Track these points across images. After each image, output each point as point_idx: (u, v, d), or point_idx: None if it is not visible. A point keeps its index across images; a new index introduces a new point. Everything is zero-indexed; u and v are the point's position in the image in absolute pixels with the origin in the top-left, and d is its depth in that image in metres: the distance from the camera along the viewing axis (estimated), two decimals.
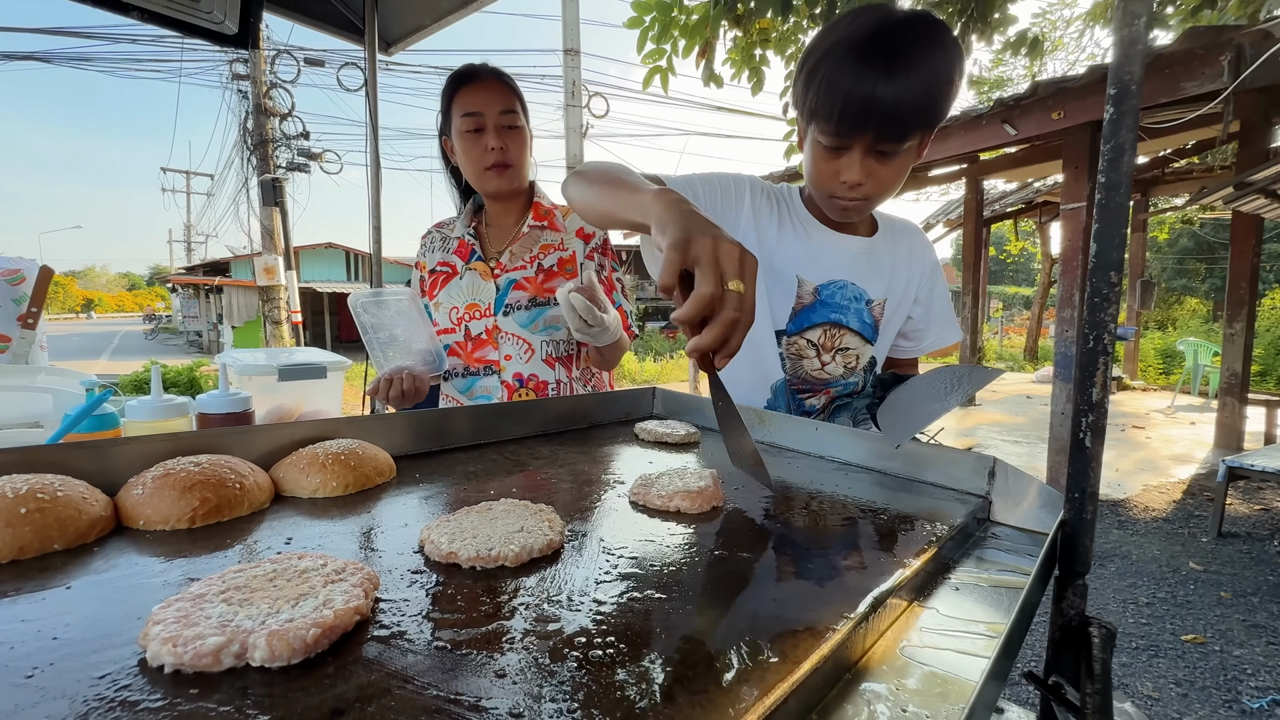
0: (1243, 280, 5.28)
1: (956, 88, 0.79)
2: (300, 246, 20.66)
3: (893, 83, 0.74)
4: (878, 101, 0.75)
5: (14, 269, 1.49)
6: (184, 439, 0.63)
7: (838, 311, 1.00)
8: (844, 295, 1.00)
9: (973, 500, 0.65)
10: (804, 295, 0.99)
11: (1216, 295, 18.19)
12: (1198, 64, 3.45)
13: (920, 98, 0.76)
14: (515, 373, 1.27)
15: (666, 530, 0.55)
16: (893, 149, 0.81)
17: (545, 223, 1.33)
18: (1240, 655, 2.47)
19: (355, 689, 0.31)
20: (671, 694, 0.31)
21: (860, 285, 1.01)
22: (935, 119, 0.80)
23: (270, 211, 8.58)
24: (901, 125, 0.78)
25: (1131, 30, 0.45)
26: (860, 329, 1.01)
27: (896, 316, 1.05)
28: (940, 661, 0.39)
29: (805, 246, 1.00)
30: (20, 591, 0.40)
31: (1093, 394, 0.51)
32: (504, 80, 1.24)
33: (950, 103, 0.79)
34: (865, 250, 1.01)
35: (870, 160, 0.83)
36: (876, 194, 0.88)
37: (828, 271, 1.00)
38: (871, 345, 1.03)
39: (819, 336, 1.00)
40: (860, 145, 0.82)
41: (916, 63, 0.74)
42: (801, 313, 1.00)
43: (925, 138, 0.84)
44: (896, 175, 0.86)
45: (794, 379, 1.03)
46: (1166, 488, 4.66)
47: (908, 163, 0.85)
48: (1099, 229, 0.48)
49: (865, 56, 0.75)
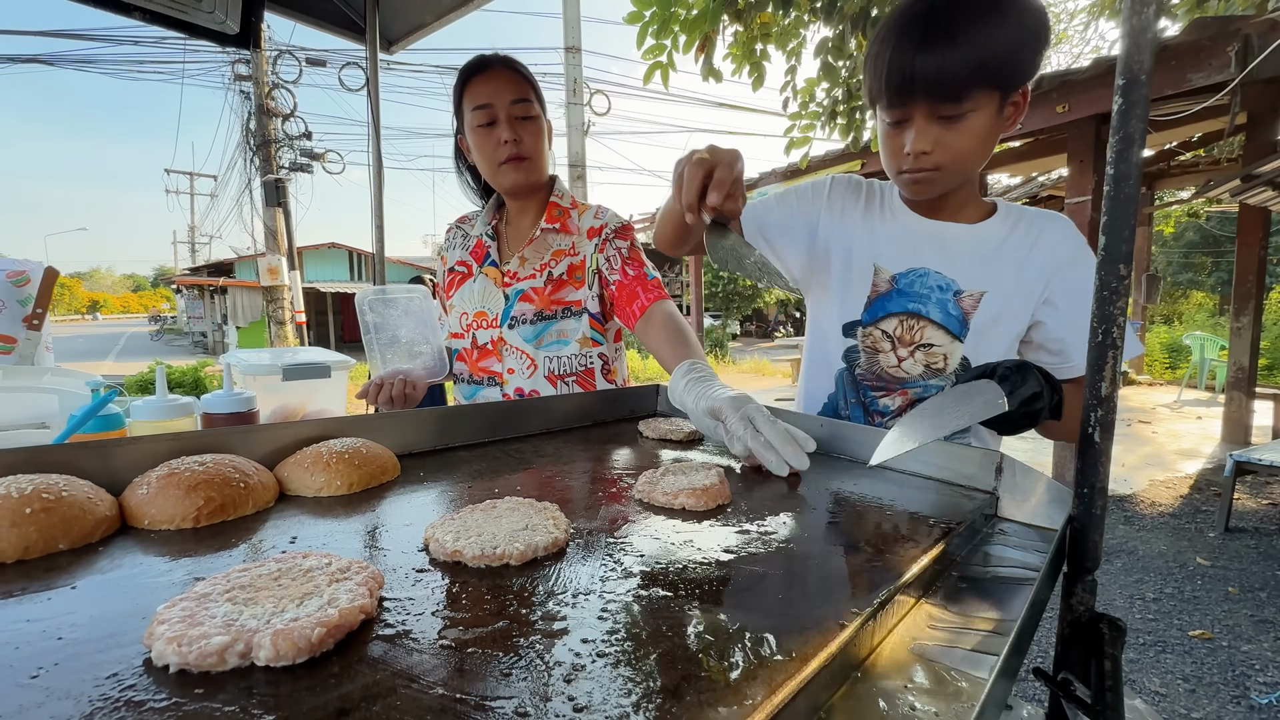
0: (1249, 273, 5.24)
1: (1027, 38, 0.75)
2: (304, 247, 20.71)
3: (935, 42, 0.74)
4: (923, 62, 0.75)
5: (19, 270, 1.49)
6: (188, 438, 0.63)
7: (916, 301, 0.92)
8: (925, 284, 0.92)
9: (980, 496, 0.65)
10: (880, 283, 0.94)
11: (1223, 289, 18.07)
12: (1204, 55, 3.42)
13: (972, 54, 0.74)
14: (517, 387, 1.23)
15: (672, 528, 0.55)
16: (954, 111, 0.78)
17: (558, 225, 1.25)
18: (1248, 651, 2.46)
19: (361, 688, 0.31)
20: (678, 693, 0.31)
21: (947, 274, 0.91)
22: (1000, 76, 0.76)
23: (274, 212, 8.60)
24: (953, 85, 0.75)
25: (1141, 19, 0.45)
26: (944, 322, 0.91)
27: (1008, 316, 0.90)
28: (949, 659, 0.38)
29: (889, 233, 0.95)
30: (26, 591, 0.40)
31: (1102, 388, 0.50)
32: (516, 69, 1.18)
33: (1022, 56, 0.76)
34: (960, 236, 0.92)
35: (935, 128, 0.80)
36: (949, 163, 0.82)
37: (910, 259, 0.93)
38: (960, 342, 0.91)
39: (895, 328, 0.93)
40: (920, 113, 0.80)
41: (961, 21, 0.74)
42: (876, 301, 0.94)
43: (1001, 98, 0.79)
44: (970, 140, 0.80)
45: (868, 375, 0.97)
46: (1173, 483, 4.63)
47: (983, 127, 0.80)
48: (1108, 221, 0.48)
49: (908, 24, 0.77)
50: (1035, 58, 0.78)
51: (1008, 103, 0.80)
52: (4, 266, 1.49)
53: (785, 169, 7.23)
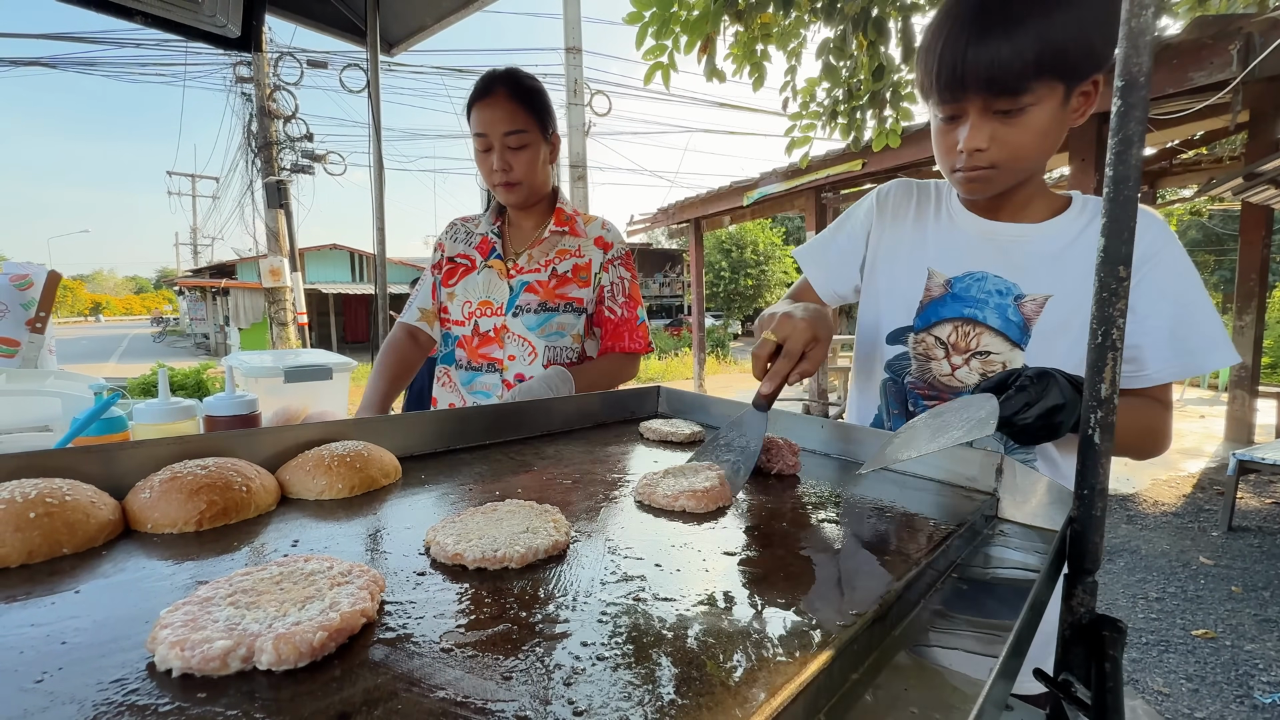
0: (1252, 272, 5.23)
1: (1093, 23, 0.70)
2: (305, 248, 20.75)
3: (990, 32, 0.70)
4: (975, 54, 0.71)
5: (23, 274, 1.50)
6: (191, 442, 0.63)
7: (972, 306, 0.86)
8: (982, 288, 0.86)
9: (981, 497, 0.65)
10: (933, 288, 0.89)
11: (1226, 287, 18.01)
12: (1206, 53, 3.42)
13: (1029, 43, 0.69)
14: (517, 373, 1.29)
15: (672, 530, 0.55)
16: (1011, 105, 0.72)
17: (566, 229, 1.34)
18: (1251, 650, 2.45)
19: (362, 692, 0.31)
20: (679, 695, 0.31)
21: (1007, 277, 0.85)
22: (1062, 66, 0.71)
23: (275, 213, 8.62)
24: (1009, 77, 0.70)
25: (1140, 21, 0.45)
26: (1003, 328, 0.85)
27: (1079, 322, 0.82)
28: (949, 660, 0.38)
29: (944, 236, 0.91)
30: (30, 596, 0.41)
31: (1102, 390, 0.50)
32: (514, 96, 1.22)
33: (1088, 42, 0.70)
34: (1022, 237, 0.86)
35: (991, 123, 0.75)
36: (1007, 160, 0.77)
37: (967, 262, 0.88)
38: (1021, 350, 0.84)
39: (949, 334, 0.88)
40: (974, 108, 0.75)
41: (1018, 8, 0.70)
42: (929, 306, 0.90)
43: (1065, 89, 0.73)
44: (1029, 135, 0.75)
45: (919, 383, 0.91)
46: (1176, 482, 4.62)
47: (1045, 121, 0.74)
48: (1108, 223, 0.48)
49: (961, 13, 0.73)
50: (1105, 44, 0.71)
51: (1075, 93, 0.74)
52: (8, 270, 1.49)
53: (785, 169, 7.23)
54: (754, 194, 7.81)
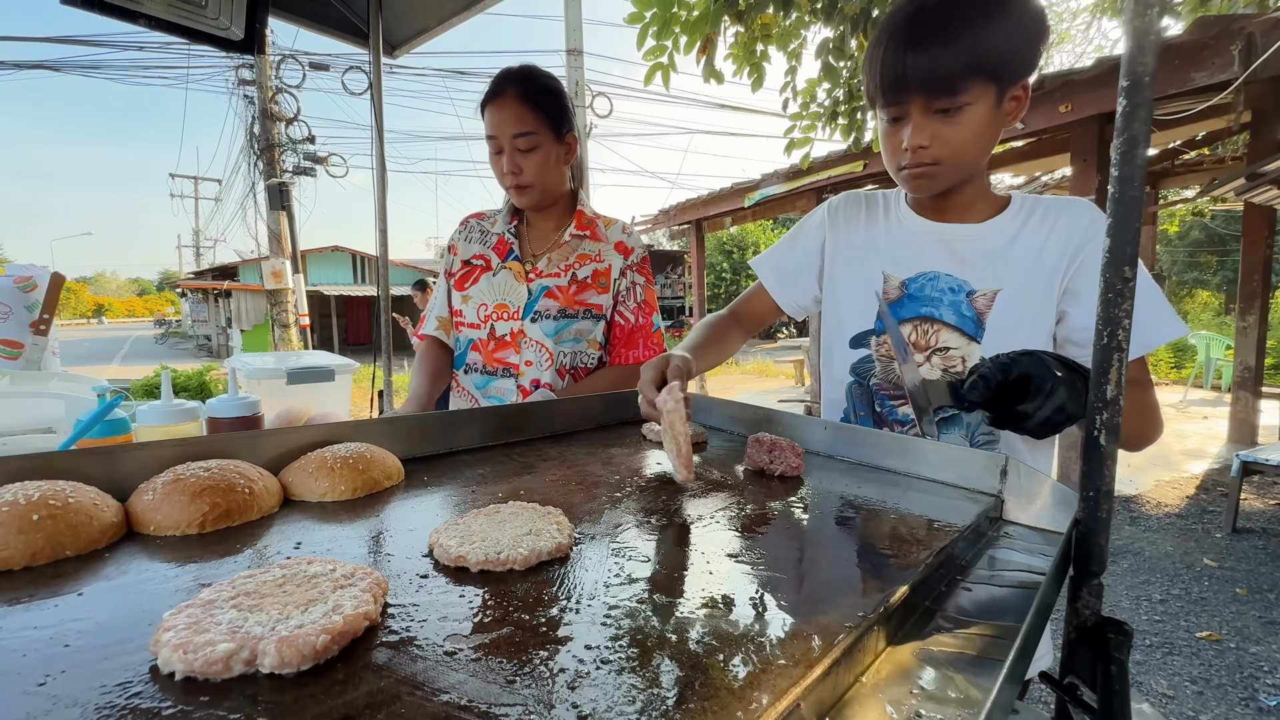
0: (1255, 272, 5.21)
1: (1020, 31, 0.76)
2: (307, 250, 20.77)
3: (926, 39, 0.76)
4: (914, 59, 0.77)
5: (26, 276, 1.50)
6: (193, 444, 0.63)
7: (929, 305, 0.91)
8: (935, 287, 0.91)
9: (985, 499, 0.65)
10: (889, 290, 0.94)
11: (1229, 288, 17.96)
12: (1207, 54, 3.41)
13: (962, 47, 0.75)
14: (533, 379, 1.26)
15: (675, 532, 0.55)
16: (949, 104, 0.78)
17: (588, 232, 1.31)
18: (1256, 652, 2.44)
19: (365, 695, 0.31)
20: (682, 699, 0.31)
21: (957, 275, 0.90)
22: (993, 68, 0.77)
23: (277, 215, 8.64)
24: (946, 78, 0.76)
25: (1144, 20, 0.45)
26: (959, 324, 0.89)
27: (1030, 313, 0.87)
28: (954, 663, 0.38)
29: (895, 240, 0.95)
30: (34, 598, 0.41)
31: (1107, 391, 0.50)
32: (524, 97, 1.20)
33: (1016, 49, 0.77)
34: (968, 236, 0.91)
35: (931, 122, 0.80)
36: (948, 157, 0.82)
37: (919, 263, 0.92)
38: (977, 343, 0.88)
39: (909, 333, 0.92)
40: (915, 109, 0.80)
41: (951, 17, 0.76)
42: (887, 309, 0.93)
43: (998, 90, 0.79)
44: (967, 133, 0.80)
45: (884, 384, 0.95)
46: (1179, 483, 4.61)
47: (981, 120, 0.80)
48: (1113, 224, 0.48)
49: (900, 24, 0.79)
50: (1031, 51, 0.79)
51: (1007, 97, 0.80)
52: (11, 273, 1.50)
53: (786, 170, 7.23)
54: (755, 195, 7.81)
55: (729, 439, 0.94)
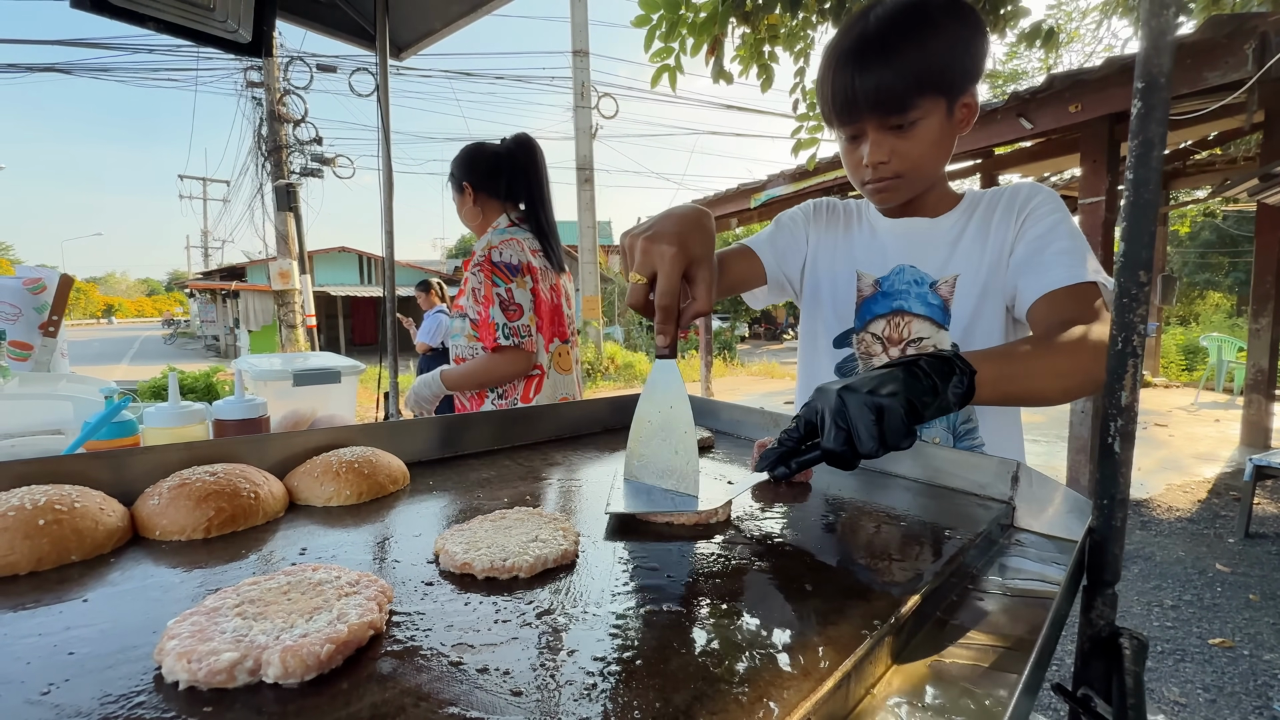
0: (1268, 274, 5.15)
1: (960, 43, 0.79)
2: (314, 251, 20.90)
3: (870, 61, 0.79)
4: (862, 81, 0.79)
5: (35, 278, 1.52)
6: (199, 448, 0.63)
7: (899, 298, 0.94)
8: (902, 279, 0.95)
9: (996, 506, 0.64)
10: (864, 289, 0.97)
11: (1241, 289, 17.78)
12: (1220, 53, 3.37)
13: (906, 66, 0.77)
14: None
15: (683, 540, 0.54)
16: (902, 120, 0.81)
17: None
18: (1270, 660, 2.41)
19: (369, 707, 0.30)
20: (690, 712, 0.30)
21: (920, 267, 0.94)
22: (939, 82, 0.79)
23: (285, 216, 8.69)
24: (894, 97, 0.79)
25: (1160, 21, 0.44)
26: (928, 313, 0.92)
27: (990, 292, 0.89)
28: (968, 675, 0.38)
29: (868, 242, 0.99)
30: (39, 604, 0.40)
31: (1121, 397, 0.49)
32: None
33: (958, 60, 0.79)
34: (926, 229, 0.95)
35: (888, 138, 0.83)
36: (908, 169, 0.85)
37: (890, 260, 0.96)
38: (945, 329, 0.91)
39: (883, 329, 0.95)
40: (870, 127, 0.83)
41: (891, 37, 0.78)
42: (863, 306, 0.97)
43: (947, 102, 0.81)
44: (923, 145, 0.83)
45: None
46: (1191, 487, 4.56)
47: (934, 131, 0.83)
48: (1127, 227, 0.47)
49: (844, 48, 0.81)
50: (975, 60, 0.81)
51: (957, 105, 0.83)
52: (21, 274, 1.51)
53: (793, 171, 7.21)
54: (761, 196, 7.79)
55: (735, 443, 0.93)
